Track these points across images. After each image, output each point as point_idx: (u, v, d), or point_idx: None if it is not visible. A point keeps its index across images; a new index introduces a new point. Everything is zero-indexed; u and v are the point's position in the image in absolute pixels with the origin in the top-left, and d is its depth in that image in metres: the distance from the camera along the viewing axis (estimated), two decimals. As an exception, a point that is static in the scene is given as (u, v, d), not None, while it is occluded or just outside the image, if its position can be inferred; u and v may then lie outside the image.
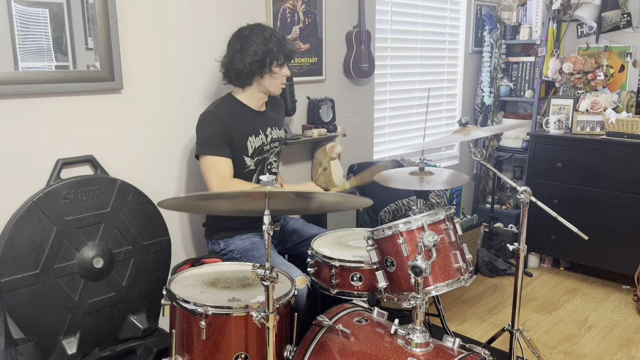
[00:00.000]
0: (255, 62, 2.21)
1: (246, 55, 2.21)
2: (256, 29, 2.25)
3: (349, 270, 2.08)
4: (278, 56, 2.24)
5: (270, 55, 2.22)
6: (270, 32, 2.25)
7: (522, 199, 2.20)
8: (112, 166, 2.28)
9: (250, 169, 2.32)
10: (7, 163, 2.01)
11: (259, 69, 2.23)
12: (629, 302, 3.36)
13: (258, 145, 2.33)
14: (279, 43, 2.24)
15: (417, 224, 1.90)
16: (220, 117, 2.22)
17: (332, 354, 1.73)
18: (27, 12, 1.99)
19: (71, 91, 2.13)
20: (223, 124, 2.21)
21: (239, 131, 2.26)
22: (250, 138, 2.30)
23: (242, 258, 2.28)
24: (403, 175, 2.37)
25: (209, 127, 2.22)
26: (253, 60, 2.21)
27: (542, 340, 2.91)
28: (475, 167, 4.45)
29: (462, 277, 1.94)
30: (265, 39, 2.22)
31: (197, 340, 1.74)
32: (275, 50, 2.22)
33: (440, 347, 1.69)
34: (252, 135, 2.30)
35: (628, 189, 3.34)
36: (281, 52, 2.24)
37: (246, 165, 2.30)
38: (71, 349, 2.06)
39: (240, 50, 2.22)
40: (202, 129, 2.23)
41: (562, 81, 3.85)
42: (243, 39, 2.24)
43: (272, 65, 2.24)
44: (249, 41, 2.22)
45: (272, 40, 2.23)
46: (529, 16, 4.04)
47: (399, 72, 3.71)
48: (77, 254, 2.07)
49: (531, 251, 3.85)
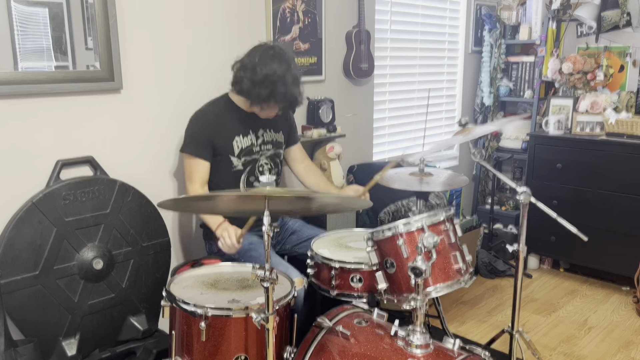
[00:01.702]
0: (254, 93, 2.17)
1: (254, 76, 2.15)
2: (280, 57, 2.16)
3: (349, 271, 2.07)
4: (279, 102, 2.19)
5: (270, 95, 2.16)
6: (286, 71, 2.15)
7: (522, 200, 2.20)
8: (112, 167, 2.27)
9: (238, 169, 2.32)
10: (6, 164, 2.00)
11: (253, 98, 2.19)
12: (628, 303, 3.36)
13: (246, 145, 2.33)
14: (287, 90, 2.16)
15: (417, 225, 1.89)
16: (207, 116, 2.27)
17: (332, 356, 1.72)
18: (26, 12, 1.99)
19: (71, 91, 2.13)
20: (208, 124, 2.25)
21: (224, 131, 2.28)
22: (237, 138, 2.30)
23: (240, 258, 2.27)
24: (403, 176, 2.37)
25: (194, 126, 2.28)
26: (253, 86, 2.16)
27: (542, 341, 2.90)
28: (475, 168, 4.45)
29: (462, 279, 1.94)
30: (277, 77, 2.14)
31: (197, 342, 1.73)
32: (278, 94, 2.16)
33: (440, 349, 1.69)
34: (240, 135, 2.31)
35: (628, 189, 3.34)
36: (285, 100, 2.19)
37: (233, 165, 2.31)
38: (71, 351, 2.06)
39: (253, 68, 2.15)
40: (189, 127, 2.29)
41: (562, 81, 3.85)
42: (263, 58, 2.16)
43: (269, 102, 2.19)
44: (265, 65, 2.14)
45: (283, 82, 2.15)
46: (529, 16, 4.03)
47: (398, 72, 3.71)
48: (77, 255, 2.07)
49: (531, 252, 3.85)
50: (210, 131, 2.25)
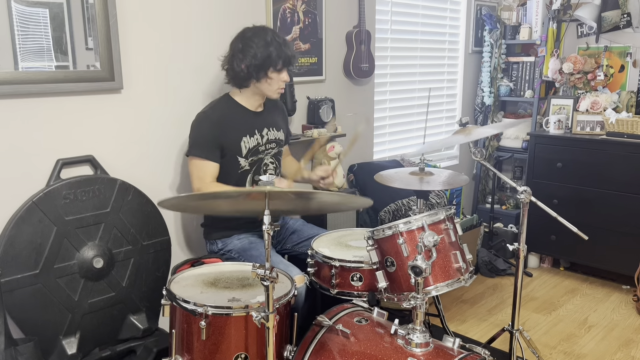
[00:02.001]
0: (253, 66, 2.20)
1: (245, 57, 2.20)
2: (259, 32, 2.24)
3: (349, 270, 2.08)
4: (276, 62, 2.22)
5: (268, 61, 2.20)
6: (272, 36, 2.23)
7: (522, 199, 2.20)
8: (112, 166, 2.28)
9: (245, 169, 2.32)
10: (7, 163, 2.01)
11: (255, 72, 2.21)
12: (629, 302, 3.36)
13: (252, 145, 2.33)
14: (278, 48, 2.21)
15: (417, 224, 1.90)
16: (213, 118, 2.24)
17: (332, 354, 1.73)
18: (27, 12, 1.99)
19: (71, 91, 2.13)
20: (214, 126, 2.23)
21: (232, 132, 2.27)
22: (245, 138, 2.30)
23: (240, 258, 2.28)
24: (403, 175, 2.37)
25: (200, 129, 2.24)
26: (251, 63, 2.20)
27: (542, 340, 2.91)
28: (475, 167, 4.45)
29: (462, 277, 1.94)
30: (266, 43, 2.20)
31: (197, 340, 1.74)
32: (273, 55, 2.20)
33: (440, 347, 1.69)
34: (247, 136, 2.31)
35: (628, 189, 3.34)
36: (280, 57, 2.22)
37: (240, 166, 2.31)
38: (71, 349, 2.06)
39: (241, 51, 2.22)
40: (194, 130, 2.26)
41: (562, 81, 3.85)
42: (245, 40, 2.23)
43: (268, 70, 2.22)
44: (250, 43, 2.21)
45: (273, 44, 2.20)
46: (529, 16, 4.04)
47: (399, 72, 3.71)
48: (77, 254, 2.07)
49: (531, 251, 3.85)
50: (218, 133, 2.23)
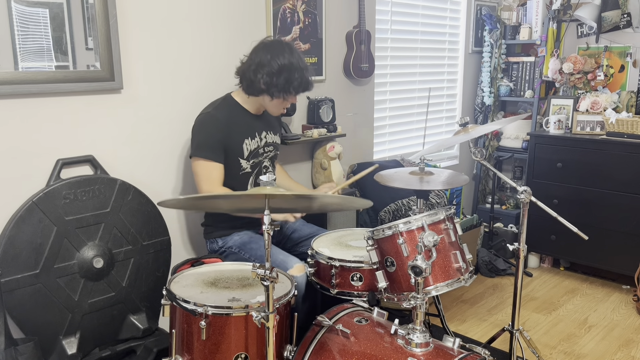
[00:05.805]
0: (273, 86, 2.19)
1: (267, 75, 2.18)
2: (285, 51, 2.21)
3: (349, 270, 2.08)
4: (297, 89, 2.23)
5: (288, 86, 2.20)
6: (297, 60, 2.22)
7: (522, 199, 2.20)
8: (112, 166, 2.28)
9: (247, 171, 2.32)
10: (7, 163, 2.01)
11: (273, 93, 2.21)
12: (629, 302, 3.36)
13: (253, 147, 2.33)
14: (301, 74, 2.21)
15: (417, 224, 1.90)
16: (218, 119, 2.23)
17: (332, 354, 1.73)
18: (27, 12, 1.99)
19: (71, 91, 2.13)
20: (220, 127, 2.22)
21: (235, 133, 2.26)
22: (247, 140, 2.30)
23: (240, 252, 2.28)
24: (403, 175, 2.37)
25: (205, 130, 2.23)
26: (272, 83, 2.19)
27: (542, 340, 2.91)
28: (475, 167, 4.45)
29: (462, 277, 1.94)
30: (291, 67, 2.19)
31: (197, 340, 1.74)
32: (295, 84, 2.21)
33: (440, 347, 1.69)
34: (248, 138, 2.31)
35: (628, 189, 3.34)
36: (300, 86, 2.23)
37: (242, 168, 2.31)
38: (71, 349, 2.06)
39: (264, 66, 2.19)
40: (198, 131, 2.24)
41: (562, 81, 3.85)
42: (274, 52, 2.20)
43: (286, 94, 2.23)
44: (275, 62, 2.18)
45: (297, 70, 2.20)
46: (529, 16, 4.04)
47: (399, 72, 3.71)
48: (77, 254, 2.07)
49: (531, 251, 3.85)
50: (222, 134, 2.22)
